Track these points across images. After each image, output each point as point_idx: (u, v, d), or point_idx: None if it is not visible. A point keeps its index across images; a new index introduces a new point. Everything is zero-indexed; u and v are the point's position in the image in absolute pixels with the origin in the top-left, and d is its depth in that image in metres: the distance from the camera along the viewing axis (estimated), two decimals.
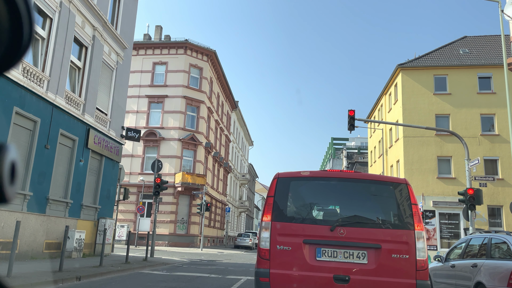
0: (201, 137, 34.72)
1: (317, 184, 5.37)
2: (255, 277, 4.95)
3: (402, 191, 5.14)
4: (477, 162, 15.99)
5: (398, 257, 4.76)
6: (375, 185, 5.34)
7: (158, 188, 18.18)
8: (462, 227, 29.40)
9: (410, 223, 4.90)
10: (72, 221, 14.85)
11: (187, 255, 23.10)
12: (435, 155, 30.52)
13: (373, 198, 5.30)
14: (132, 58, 35.68)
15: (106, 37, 16.90)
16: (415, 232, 4.84)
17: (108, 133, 17.35)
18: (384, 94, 37.89)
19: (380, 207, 5.26)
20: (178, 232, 32.52)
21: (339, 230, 4.85)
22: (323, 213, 5.34)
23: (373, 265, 4.76)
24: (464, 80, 31.32)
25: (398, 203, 5.10)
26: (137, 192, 32.58)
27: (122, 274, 11.40)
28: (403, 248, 4.79)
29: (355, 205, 5.26)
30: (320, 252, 4.84)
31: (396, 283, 4.67)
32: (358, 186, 5.26)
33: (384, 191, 5.25)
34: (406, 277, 4.69)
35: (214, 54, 36.50)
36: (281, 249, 4.87)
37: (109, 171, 17.83)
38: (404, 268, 4.73)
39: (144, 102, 34.40)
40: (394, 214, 5.10)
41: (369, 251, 4.81)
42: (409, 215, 4.95)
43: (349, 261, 4.79)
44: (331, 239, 4.84)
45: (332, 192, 5.36)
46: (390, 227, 5.01)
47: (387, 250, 4.78)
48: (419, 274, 4.69)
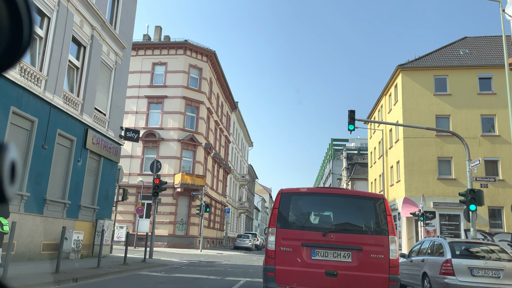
0: (200, 138, 34.62)
1: (312, 198, 6.64)
2: (263, 272, 6.14)
3: (380, 205, 6.33)
4: (478, 163, 15.88)
5: (375, 257, 5.97)
6: (358, 199, 6.64)
7: (157, 188, 18.06)
8: (462, 228, 29.29)
9: (386, 230, 6.11)
10: (70, 222, 14.72)
11: (186, 256, 22.97)
12: (436, 156, 30.42)
13: (357, 210, 6.53)
14: (132, 58, 35.58)
15: (104, 36, 16.79)
16: (389, 237, 6.06)
17: (107, 134, 17.24)
18: (384, 95, 37.81)
19: (362, 217, 6.50)
20: (178, 233, 32.39)
21: (329, 236, 6.09)
22: (317, 221, 6.62)
23: (356, 263, 5.97)
24: (464, 80, 31.23)
25: (377, 214, 6.29)
26: (136, 193, 32.45)
27: (120, 275, 11.27)
28: (379, 250, 6.00)
29: (342, 215, 6.54)
30: (315, 253, 6.06)
31: (374, 277, 5.90)
32: (345, 200, 6.60)
33: (366, 204, 6.45)
34: (381, 272, 5.90)
35: (213, 55, 36.41)
36: (284, 250, 6.05)
37: (108, 171, 17.71)
38: (380, 265, 5.93)
39: (143, 103, 34.29)
40: (373, 222, 6.30)
41: (353, 252, 6.02)
42: (385, 223, 6.16)
43: (337, 259, 6.01)
44: (323, 243, 6.06)
45: (324, 205, 6.66)
46: (370, 233, 6.22)
47: (367, 251, 6.00)
48: (392, 270, 5.93)
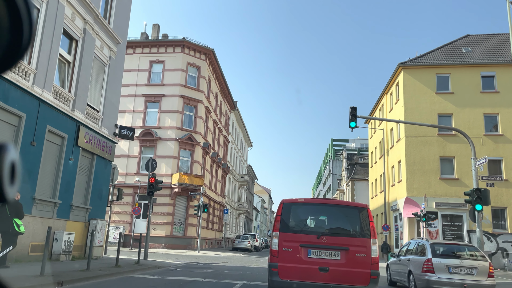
0: (198, 137, 34.05)
1: (309, 207, 7.89)
2: (268, 268, 7.34)
3: (364, 213, 7.48)
4: (484, 161, 15.35)
5: (360, 256, 7.11)
6: (346, 208, 7.97)
7: (152, 188, 17.49)
8: (465, 229, 28.75)
9: (368, 234, 7.27)
10: (61, 222, 14.16)
11: (183, 258, 22.40)
12: (438, 155, 29.87)
13: (345, 217, 7.72)
14: (129, 56, 35.05)
15: (98, 30, 16.24)
16: (371, 240, 7.21)
17: (100, 131, 16.68)
18: (385, 94, 37.27)
19: (349, 223, 7.64)
20: (175, 234, 31.82)
21: (322, 238, 7.28)
22: (312, 226, 7.77)
23: (344, 260, 7.13)
24: (467, 79, 30.70)
25: (361, 221, 7.44)
26: (133, 193, 31.88)
27: (110, 278, 10.71)
28: (363, 250, 7.15)
29: (333, 222, 7.76)
30: (310, 252, 7.23)
31: (358, 272, 7.03)
32: (335, 209, 7.92)
33: (352, 213, 7.63)
34: (364, 268, 7.03)
35: (212, 53, 35.86)
36: (285, 250, 7.21)
37: (101, 170, 17.14)
38: (363, 263, 7.06)
39: (140, 102, 33.72)
40: (358, 228, 7.45)
41: (341, 251, 7.19)
42: (368, 229, 7.33)
43: (329, 258, 7.17)
44: (317, 244, 7.24)
45: (318, 212, 7.87)
46: (355, 236, 7.38)
47: (353, 251, 7.16)
48: (373, 266, 7.06)
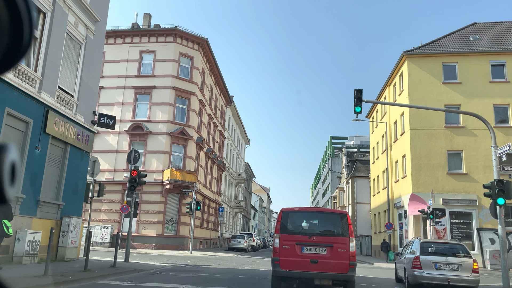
0: (192, 131, 32.24)
1: (302, 214, 10.20)
2: (272, 261, 9.51)
3: (344, 218, 9.71)
4: (508, 149, 13.56)
5: (341, 250, 9.27)
6: (331, 215, 10.49)
7: (135, 182, 15.71)
8: (475, 227, 27.01)
9: (347, 234, 9.44)
10: (25, 219, 12.36)
11: (172, 259, 20.63)
12: (445, 149, 28.12)
13: (329, 222, 10.05)
14: (118, 46, 33.25)
15: (71, 4, 14.41)
16: (349, 238, 9.37)
17: (74, 118, 14.86)
18: (387, 86, 35.47)
19: (333, 226, 9.83)
20: (167, 233, 30.01)
21: (313, 238, 9.45)
22: (305, 229, 9.85)
23: (329, 254, 9.29)
24: (475, 68, 28.95)
25: (342, 224, 9.64)
26: (122, 190, 30.00)
27: (71, 286, 8.91)
28: (344, 246, 9.30)
29: (321, 225, 10.04)
30: (304, 248, 9.35)
31: (340, 263, 9.20)
32: (323, 215, 10.51)
33: (335, 218, 9.97)
34: (345, 259, 9.21)
35: (206, 43, 34.04)
36: (284, 247, 9.34)
37: (77, 162, 15.33)
38: (344, 255, 9.23)
39: (130, 94, 31.88)
40: (340, 229, 9.62)
41: (327, 247, 9.32)
42: (347, 230, 9.49)
43: (318, 252, 9.31)
44: (309, 242, 9.39)
45: (309, 218, 10.17)
46: (338, 236, 9.54)
47: (336, 247, 9.32)
48: (351, 258, 9.23)
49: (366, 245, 46.41)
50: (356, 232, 51.91)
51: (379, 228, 38.56)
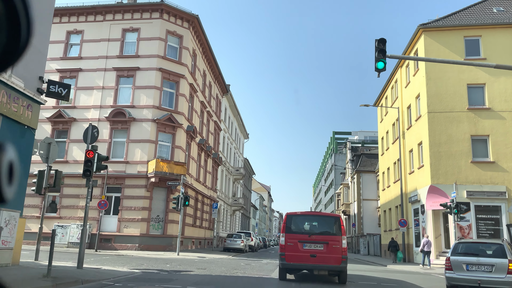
0: (181, 119, 28.74)
1: (304, 217, 12.82)
2: (279, 256, 12.03)
3: (338, 221, 12.32)
4: None
5: (335, 247, 11.67)
6: (327, 217, 13.12)
7: (91, 165, 12.19)
8: (504, 222, 23.43)
9: (340, 233, 11.89)
10: None
11: (150, 263, 17.17)
12: (468, 134, 24.57)
13: (326, 223, 12.66)
14: (98, 24, 29.74)
15: None
16: (342, 237, 11.77)
17: (9, 81, 11.39)
18: (399, 67, 31.92)
19: (328, 226, 12.36)
20: (152, 232, 26.53)
21: (312, 236, 11.85)
22: (306, 229, 12.32)
23: (325, 250, 11.65)
24: (501, 42, 25.41)
25: (336, 225, 12.16)
26: (102, 184, 26.51)
27: None
28: (337, 243, 11.73)
29: (319, 226, 12.56)
30: (305, 245, 11.75)
31: (334, 257, 11.54)
32: (320, 218, 13.19)
33: (330, 220, 12.66)
34: (338, 254, 11.58)
35: (196, 20, 30.53)
36: (289, 244, 11.82)
37: (14, 140, 11.85)
38: (337, 251, 11.63)
39: (111, 76, 28.40)
40: (334, 229, 12.11)
41: (324, 244, 11.73)
42: (339, 230, 11.96)
43: (316, 248, 11.69)
44: (309, 240, 11.81)
45: (309, 220, 12.73)
46: (332, 235, 11.99)
47: (331, 244, 11.73)
48: (343, 253, 11.64)
49: (374, 245, 42.79)
50: (363, 231, 48.40)
51: (390, 226, 35.01)
